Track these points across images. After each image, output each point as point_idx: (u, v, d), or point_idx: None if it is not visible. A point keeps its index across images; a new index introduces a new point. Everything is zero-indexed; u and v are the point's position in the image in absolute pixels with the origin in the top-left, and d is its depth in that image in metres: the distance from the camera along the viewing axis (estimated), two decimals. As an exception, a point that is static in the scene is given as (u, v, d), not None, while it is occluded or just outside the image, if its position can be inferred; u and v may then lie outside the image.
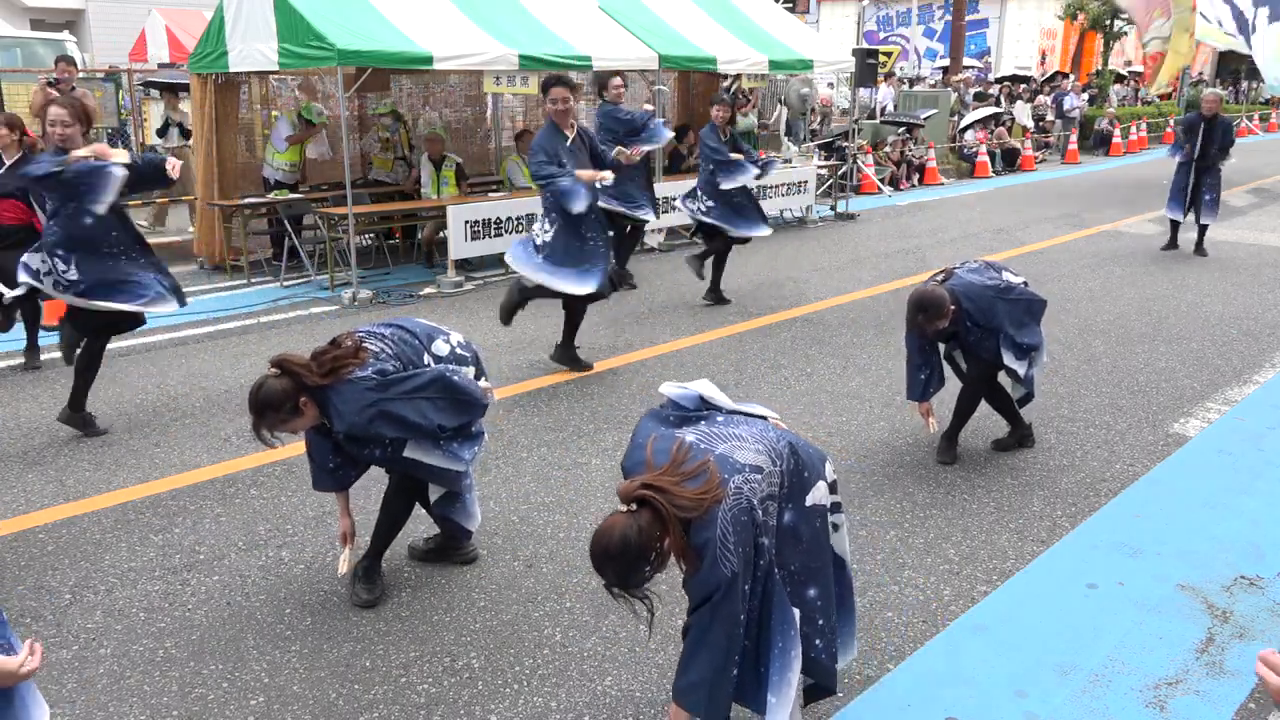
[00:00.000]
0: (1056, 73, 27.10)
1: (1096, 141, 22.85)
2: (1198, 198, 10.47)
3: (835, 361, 6.73)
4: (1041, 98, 23.28)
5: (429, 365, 3.57)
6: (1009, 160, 19.19)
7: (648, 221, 8.83)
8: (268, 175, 10.01)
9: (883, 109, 20.21)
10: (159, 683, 3.27)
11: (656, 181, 10.60)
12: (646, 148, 7.78)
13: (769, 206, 12.36)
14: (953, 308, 4.59)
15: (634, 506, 2.32)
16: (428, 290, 9.04)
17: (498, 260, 9.25)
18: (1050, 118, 22.50)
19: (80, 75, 11.14)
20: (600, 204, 6.38)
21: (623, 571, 2.31)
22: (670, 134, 8.93)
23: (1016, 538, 4.29)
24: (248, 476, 4.88)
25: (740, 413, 2.84)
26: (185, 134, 11.18)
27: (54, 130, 4.91)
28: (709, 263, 8.43)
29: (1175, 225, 10.80)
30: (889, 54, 30.42)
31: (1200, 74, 33.73)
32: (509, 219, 9.34)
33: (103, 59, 19.20)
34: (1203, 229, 10.67)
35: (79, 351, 5.33)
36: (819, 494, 2.73)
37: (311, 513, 4.48)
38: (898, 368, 6.64)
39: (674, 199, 9.77)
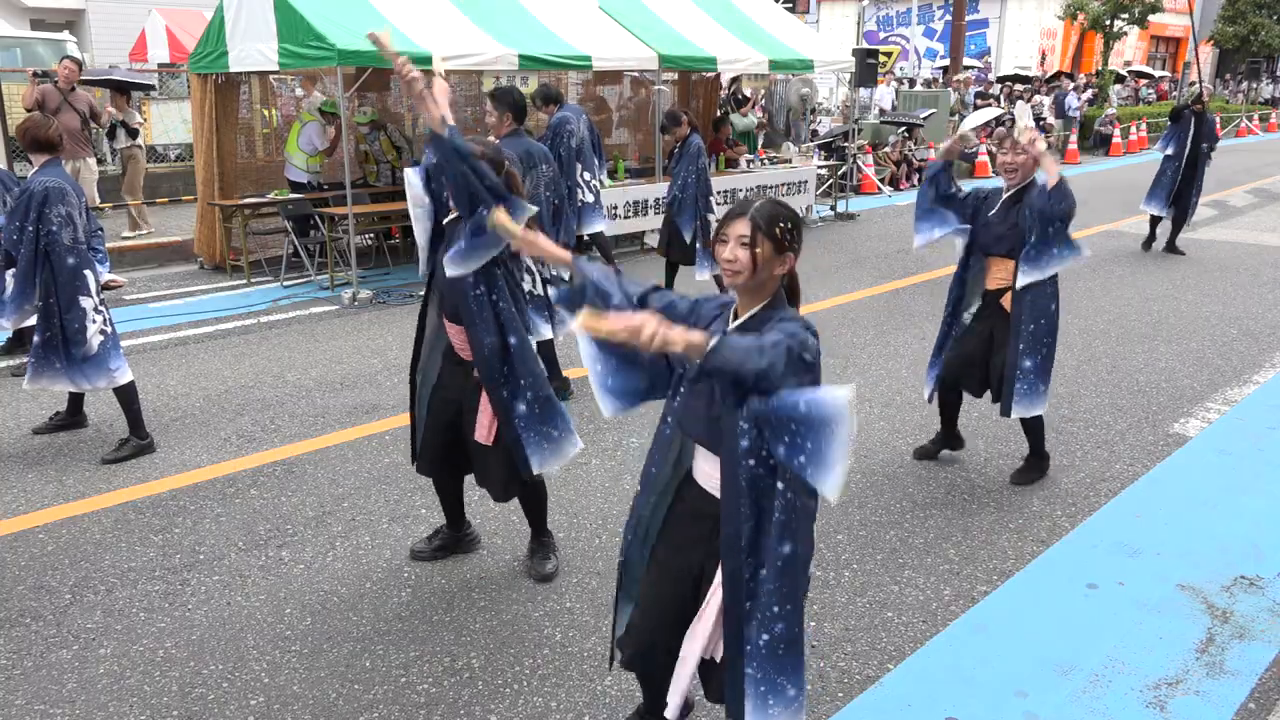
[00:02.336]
0: (1059, 73, 27.10)
1: (1096, 141, 22.86)
2: (1186, 197, 10.39)
3: (835, 361, 6.73)
4: (1039, 97, 23.30)
5: None
6: (1009, 160, 19.18)
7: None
8: (294, 177, 10.00)
9: (880, 109, 20.22)
10: (159, 683, 3.27)
11: (658, 182, 10.62)
12: None
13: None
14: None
15: None
16: (428, 290, 9.03)
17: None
18: (1050, 118, 22.52)
19: (80, 76, 11.13)
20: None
21: None
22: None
23: (1016, 538, 4.29)
24: (248, 476, 4.88)
25: None
26: (132, 134, 11.17)
27: None
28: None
29: (1155, 221, 10.78)
30: (889, 54, 30.46)
31: (1199, 79, 33.70)
32: (509, 219, 9.33)
33: (103, 59, 19.18)
34: (1177, 229, 10.65)
35: None
36: None
37: (311, 513, 4.48)
38: (898, 368, 6.65)
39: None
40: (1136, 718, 3.10)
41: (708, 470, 2.42)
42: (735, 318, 2.41)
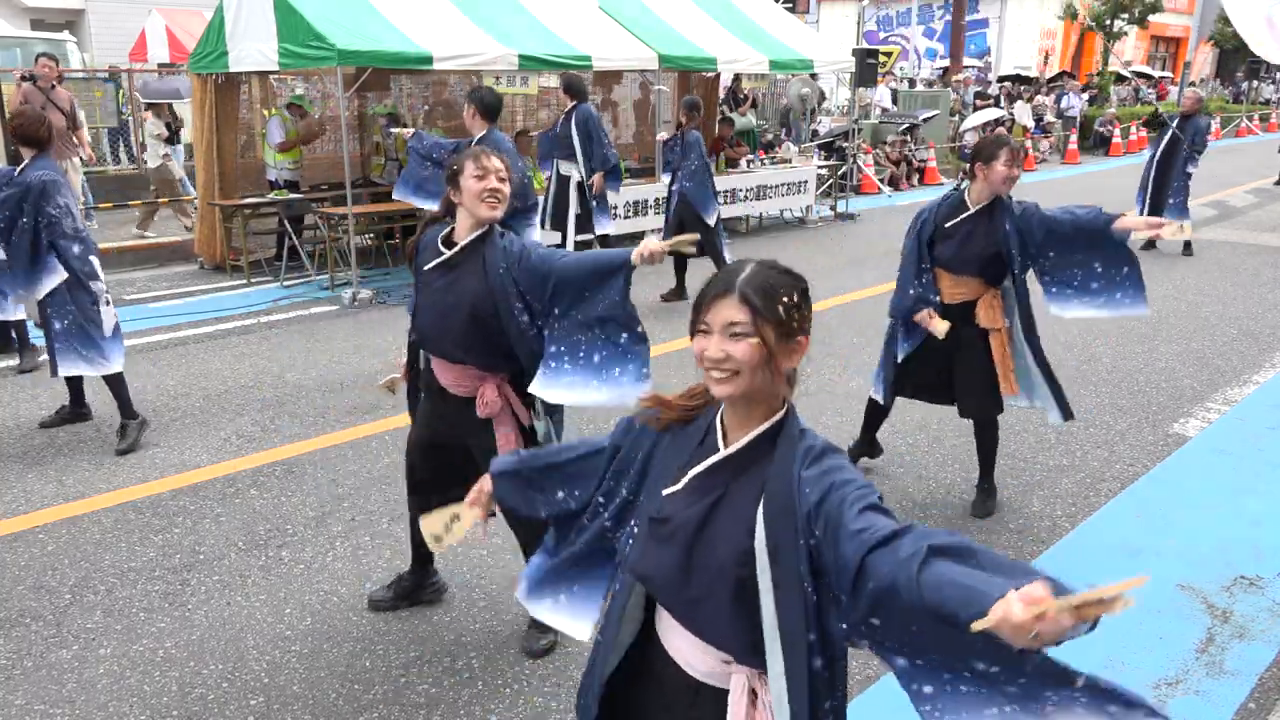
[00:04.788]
0: (1062, 73, 27.09)
1: (1096, 142, 22.87)
2: (1161, 200, 10.20)
3: (835, 361, 6.72)
4: (1040, 98, 23.30)
5: None
6: (1009, 160, 19.18)
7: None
8: (272, 177, 10.00)
9: (881, 109, 20.22)
10: (159, 683, 3.27)
11: (658, 181, 10.62)
12: None
13: (769, 206, 12.41)
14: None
15: None
16: (428, 290, 9.02)
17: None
18: (1049, 118, 22.52)
19: (81, 75, 11.11)
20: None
21: None
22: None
23: (1016, 538, 4.28)
24: (248, 476, 4.88)
25: None
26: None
27: None
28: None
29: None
30: (889, 54, 30.45)
31: (1200, 78, 33.72)
32: (509, 219, 9.34)
33: (102, 59, 19.17)
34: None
35: None
36: None
37: (311, 513, 4.48)
38: (898, 368, 6.65)
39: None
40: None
41: (687, 654, 1.75)
42: (724, 441, 1.72)
